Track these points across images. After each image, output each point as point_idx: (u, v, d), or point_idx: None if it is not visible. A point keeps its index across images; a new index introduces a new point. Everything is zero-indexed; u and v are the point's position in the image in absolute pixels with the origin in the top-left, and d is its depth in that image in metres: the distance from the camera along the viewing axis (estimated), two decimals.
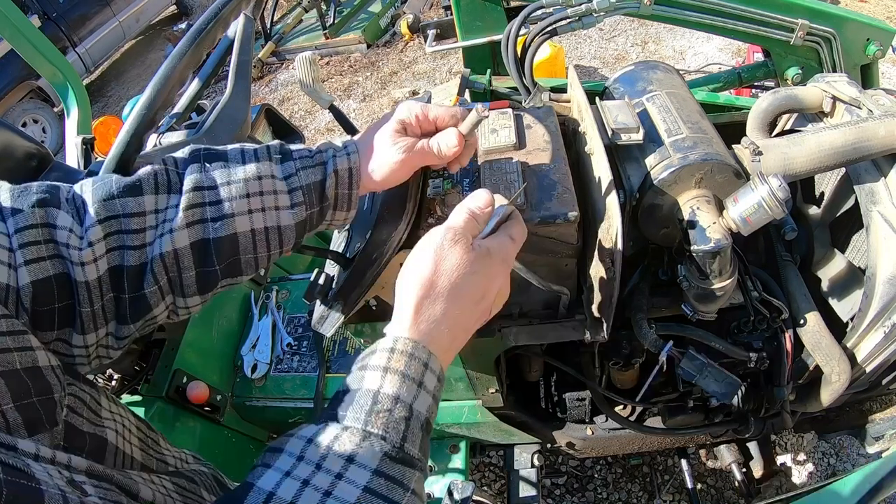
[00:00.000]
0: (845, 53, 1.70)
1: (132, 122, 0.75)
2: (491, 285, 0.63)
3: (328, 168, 0.77)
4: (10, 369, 0.53)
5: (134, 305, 0.68)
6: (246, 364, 1.87)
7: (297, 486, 0.46)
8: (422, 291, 0.59)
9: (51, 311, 0.62)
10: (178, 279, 0.70)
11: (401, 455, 0.50)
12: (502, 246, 0.65)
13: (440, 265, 0.60)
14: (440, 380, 0.57)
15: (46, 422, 0.55)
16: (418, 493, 0.51)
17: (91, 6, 6.38)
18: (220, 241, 0.70)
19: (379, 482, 0.48)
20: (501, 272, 0.65)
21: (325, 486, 0.47)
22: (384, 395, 0.52)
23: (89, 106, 2.33)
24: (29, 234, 0.61)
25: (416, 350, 0.56)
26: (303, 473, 0.48)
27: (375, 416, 0.51)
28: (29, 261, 0.60)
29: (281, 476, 0.47)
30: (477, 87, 2.09)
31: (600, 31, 5.03)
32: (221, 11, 0.84)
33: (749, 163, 1.00)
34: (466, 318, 0.62)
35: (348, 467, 0.48)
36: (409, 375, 0.54)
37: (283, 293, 2.07)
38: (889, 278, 1.00)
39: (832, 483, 1.15)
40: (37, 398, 0.55)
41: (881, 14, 4.35)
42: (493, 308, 0.66)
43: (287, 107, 5.37)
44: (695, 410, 1.40)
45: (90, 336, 0.66)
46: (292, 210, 0.74)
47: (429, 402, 0.55)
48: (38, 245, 0.61)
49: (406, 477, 0.50)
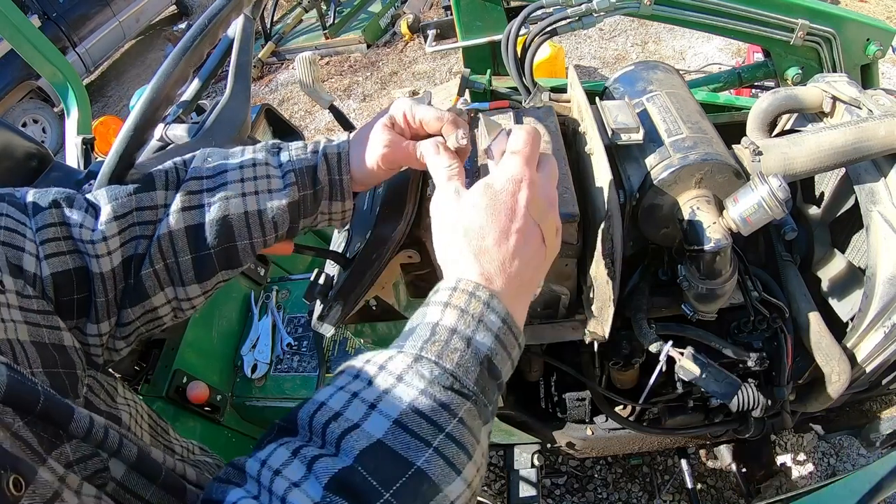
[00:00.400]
0: (845, 53, 1.70)
1: (132, 122, 0.75)
2: (511, 204, 0.59)
3: (319, 154, 0.79)
4: (41, 341, 0.60)
5: (133, 289, 0.72)
6: (246, 364, 1.87)
7: (347, 397, 0.49)
8: (455, 245, 0.59)
9: (70, 301, 0.67)
10: (175, 265, 0.72)
11: (451, 382, 0.50)
12: (501, 166, 0.62)
13: (455, 213, 0.61)
14: (506, 323, 0.55)
15: (70, 391, 0.60)
16: (469, 427, 0.50)
17: (91, 6, 6.38)
18: (214, 223, 0.72)
19: (424, 402, 0.48)
20: (521, 185, 0.60)
21: (371, 398, 0.48)
22: (442, 327, 0.53)
23: (89, 106, 2.33)
24: (48, 231, 0.66)
25: (476, 289, 0.55)
26: (354, 388, 0.50)
27: (431, 344, 0.52)
28: (49, 255, 0.66)
29: (336, 390, 0.51)
30: (477, 87, 2.09)
31: (600, 31, 5.03)
32: (221, 11, 0.83)
33: (749, 163, 1.00)
34: (508, 248, 0.58)
35: (397, 385, 0.49)
36: (469, 312, 0.54)
37: (283, 293, 2.07)
38: (889, 278, 1.00)
39: (832, 483, 1.15)
40: (63, 370, 0.61)
41: (881, 14, 4.36)
42: (546, 230, 0.62)
43: (287, 107, 5.37)
44: (695, 410, 1.40)
45: (103, 325, 0.70)
46: (284, 191, 0.76)
47: (490, 341, 0.54)
48: (57, 241, 0.67)
49: (454, 404, 0.49)
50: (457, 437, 0.48)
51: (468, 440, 0.49)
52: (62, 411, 0.50)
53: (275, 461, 0.47)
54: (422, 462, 0.46)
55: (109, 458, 0.53)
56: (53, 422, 0.49)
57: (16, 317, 0.59)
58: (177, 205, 0.72)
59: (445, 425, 0.48)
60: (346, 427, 0.47)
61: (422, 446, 0.46)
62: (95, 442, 0.52)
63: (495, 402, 0.55)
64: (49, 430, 0.49)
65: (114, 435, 0.54)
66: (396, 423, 0.47)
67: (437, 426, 0.47)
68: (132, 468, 0.55)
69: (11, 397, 0.46)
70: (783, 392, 1.22)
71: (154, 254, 0.71)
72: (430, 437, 0.47)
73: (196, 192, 0.73)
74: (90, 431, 0.52)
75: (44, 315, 0.63)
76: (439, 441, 0.47)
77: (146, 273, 0.71)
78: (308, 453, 0.47)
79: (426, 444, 0.46)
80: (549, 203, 0.63)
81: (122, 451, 0.54)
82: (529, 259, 0.60)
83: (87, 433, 0.51)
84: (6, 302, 0.59)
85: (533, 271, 0.61)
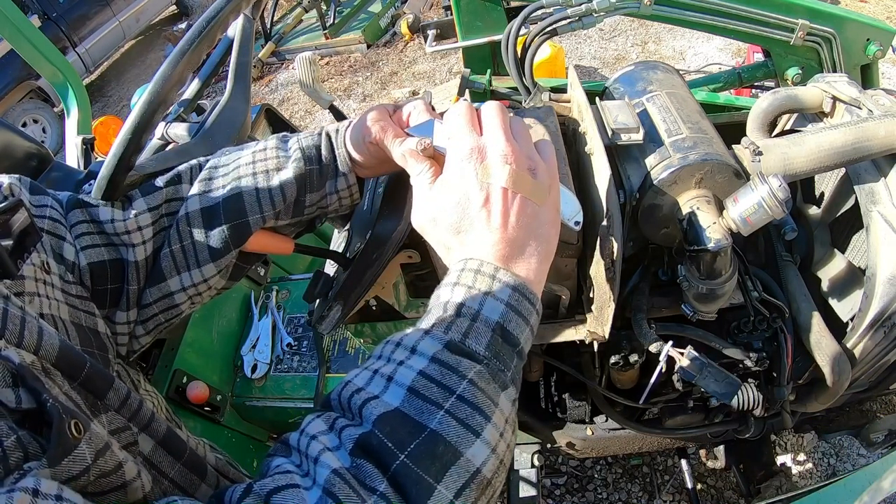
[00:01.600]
0: (845, 53, 1.70)
1: (129, 125, 0.75)
2: (470, 177, 0.58)
3: (322, 134, 0.82)
4: (78, 323, 0.66)
5: (153, 270, 0.77)
6: (246, 364, 1.87)
7: (370, 375, 0.53)
8: (448, 228, 0.60)
9: (104, 290, 0.73)
10: (191, 246, 0.76)
11: (460, 347, 0.51)
12: (448, 151, 0.62)
13: (429, 206, 0.62)
14: (518, 290, 0.56)
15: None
16: (482, 389, 0.50)
17: (91, 6, 6.38)
18: (226, 200, 0.77)
19: (433, 367, 0.50)
20: (472, 156, 0.59)
21: (388, 372, 0.52)
22: (451, 304, 0.55)
23: (89, 106, 2.33)
24: (81, 227, 0.73)
25: (481, 266, 0.57)
26: (376, 366, 0.54)
27: (441, 319, 0.54)
28: (85, 247, 0.72)
29: (361, 370, 0.54)
30: (477, 87, 2.09)
31: (600, 32, 5.03)
32: (221, 11, 0.83)
33: (749, 163, 1.00)
34: (493, 217, 0.58)
35: (410, 357, 0.52)
36: (475, 286, 0.55)
37: (283, 293, 2.08)
38: (889, 278, 1.00)
39: (832, 483, 1.15)
40: (97, 351, 0.67)
41: (881, 14, 4.36)
42: (532, 185, 0.59)
43: (287, 107, 5.37)
44: (695, 410, 1.40)
45: (132, 312, 0.77)
46: (291, 166, 0.78)
47: (500, 308, 0.54)
48: (91, 235, 0.73)
49: (462, 366, 0.50)
50: (469, 399, 0.49)
51: (483, 401, 0.49)
52: (103, 380, 0.54)
53: (312, 429, 0.51)
54: (435, 424, 0.47)
55: (139, 432, 0.57)
56: (94, 389, 0.53)
57: (59, 297, 0.65)
58: (194, 190, 0.77)
59: (455, 387, 0.49)
60: (367, 398, 0.50)
61: (433, 409, 0.47)
62: (129, 413, 0.56)
63: (515, 368, 0.55)
64: (89, 399, 0.53)
65: (147, 409, 0.58)
66: (410, 390, 0.49)
67: (448, 389, 0.49)
68: (159, 444, 0.58)
69: (62, 361, 0.50)
70: (783, 392, 1.22)
71: (172, 235, 0.77)
72: (442, 400, 0.48)
73: (211, 178, 0.78)
74: (125, 402, 0.56)
75: (82, 300, 0.69)
76: (451, 403, 0.48)
77: (164, 253, 0.77)
78: (339, 424, 0.50)
79: (438, 407, 0.47)
80: (511, 155, 0.59)
81: (151, 426, 0.58)
82: (525, 217, 0.58)
83: (123, 403, 0.55)
84: (51, 282, 0.65)
85: (537, 227, 0.59)
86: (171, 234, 0.76)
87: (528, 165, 0.60)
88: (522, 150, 0.61)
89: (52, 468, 0.40)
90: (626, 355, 1.19)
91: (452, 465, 0.46)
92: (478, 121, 0.63)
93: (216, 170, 0.79)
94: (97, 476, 0.44)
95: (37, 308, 0.60)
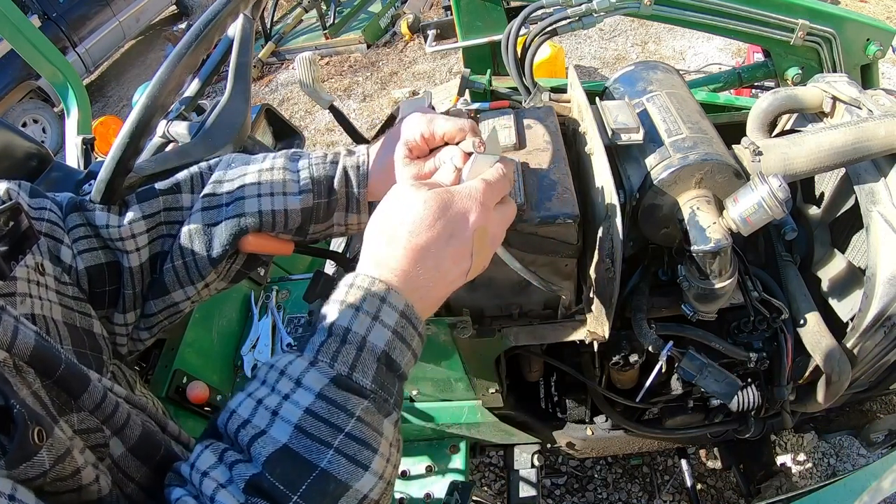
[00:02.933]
0: (845, 53, 1.70)
1: (128, 128, 0.75)
2: (458, 225, 0.60)
3: (338, 165, 0.80)
4: (72, 324, 0.67)
5: (157, 284, 0.78)
6: (246, 364, 1.87)
7: (253, 405, 0.52)
8: (381, 234, 0.60)
9: (102, 292, 0.74)
10: (192, 262, 0.77)
11: (347, 383, 0.52)
12: (467, 187, 0.63)
13: (395, 210, 0.61)
14: (405, 316, 0.56)
15: (96, 371, 0.63)
16: (369, 423, 0.51)
17: (91, 6, 6.37)
18: (230, 220, 0.76)
19: (320, 405, 0.50)
20: (472, 210, 0.61)
21: (273, 405, 0.51)
22: (338, 327, 0.54)
23: (89, 106, 2.33)
24: (79, 231, 0.74)
25: (372, 285, 0.56)
26: (260, 394, 0.53)
27: (327, 345, 0.53)
28: (82, 251, 0.73)
29: (245, 397, 0.53)
30: (477, 87, 2.09)
31: (600, 32, 5.03)
32: (221, 12, 0.83)
33: (749, 163, 1.00)
34: (436, 254, 0.59)
35: (296, 390, 0.51)
36: (364, 309, 0.55)
37: (283, 293, 2.07)
38: (889, 278, 1.00)
39: (832, 483, 1.15)
40: (90, 352, 0.67)
41: (881, 14, 4.36)
42: (475, 252, 0.62)
43: (287, 107, 5.37)
44: (695, 410, 1.40)
45: (129, 315, 0.77)
46: (299, 196, 0.78)
47: (387, 336, 0.55)
48: (88, 239, 0.74)
49: (350, 403, 0.51)
50: (357, 436, 0.50)
51: (370, 436, 0.51)
52: (79, 380, 0.54)
53: (202, 463, 0.51)
54: (325, 463, 0.48)
55: (112, 435, 0.57)
56: (68, 389, 0.53)
57: (52, 298, 0.66)
58: (198, 205, 0.77)
59: (344, 425, 0.50)
60: (254, 434, 0.50)
61: (323, 448, 0.48)
62: (103, 416, 0.56)
63: (397, 392, 0.56)
64: (62, 398, 0.53)
65: (122, 413, 0.57)
66: (297, 427, 0.49)
67: (336, 427, 0.49)
68: (130, 450, 0.58)
69: (35, 358, 0.51)
70: (783, 392, 1.22)
71: (175, 251, 0.77)
72: (330, 439, 0.49)
73: (216, 194, 0.78)
74: (100, 405, 0.55)
75: (77, 301, 0.70)
76: (339, 441, 0.49)
77: (167, 268, 0.77)
78: (229, 458, 0.51)
79: (327, 446, 0.48)
80: (492, 239, 0.64)
81: (124, 431, 0.57)
82: (449, 280, 0.61)
83: (97, 406, 0.55)
84: (45, 283, 0.66)
85: (445, 287, 0.62)
86: (174, 250, 0.77)
87: (494, 236, 0.64)
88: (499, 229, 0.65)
89: (8, 470, 0.42)
90: (626, 355, 1.19)
91: (342, 497, 0.48)
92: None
93: (220, 185, 0.78)
94: (53, 479, 0.46)
95: (28, 309, 0.61)
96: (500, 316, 1.08)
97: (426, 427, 1.57)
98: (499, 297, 1.04)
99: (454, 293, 0.64)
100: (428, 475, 1.64)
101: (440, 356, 1.23)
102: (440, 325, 1.06)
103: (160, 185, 0.79)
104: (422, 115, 0.78)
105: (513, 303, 1.05)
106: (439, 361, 1.25)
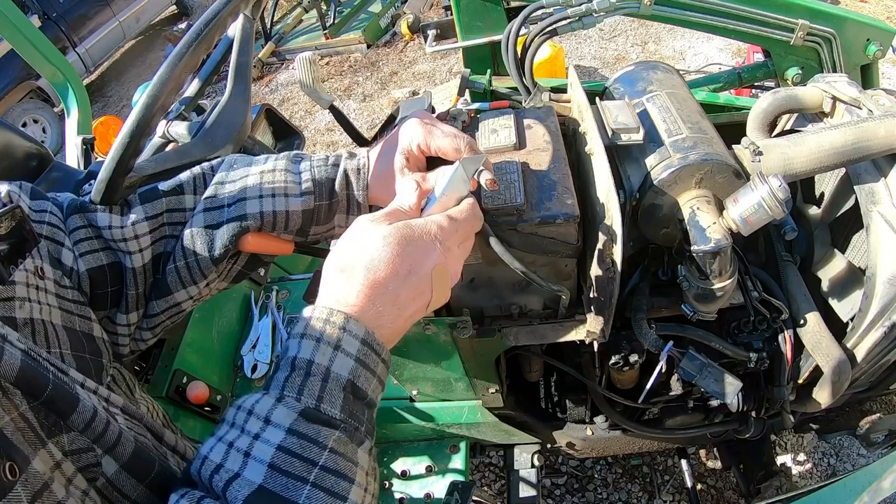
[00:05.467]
0: (845, 53, 1.70)
1: (127, 129, 0.75)
2: (417, 262, 0.60)
3: (339, 168, 0.81)
4: (71, 327, 0.66)
5: (160, 284, 0.78)
6: (246, 364, 1.87)
7: (225, 448, 0.51)
8: (340, 270, 0.60)
9: (104, 294, 0.74)
10: (195, 263, 0.77)
11: (316, 415, 0.51)
12: (430, 222, 0.63)
13: (354, 245, 0.61)
14: (367, 344, 0.56)
15: (94, 376, 0.64)
16: (342, 454, 0.51)
17: (91, 6, 6.38)
18: (232, 221, 0.76)
19: (292, 440, 0.50)
20: (433, 250, 0.61)
21: (244, 447, 0.50)
22: (301, 360, 0.54)
23: (89, 106, 2.33)
24: (80, 232, 0.73)
25: (331, 316, 0.56)
26: (230, 437, 0.52)
27: (292, 379, 0.53)
28: (83, 253, 0.72)
29: (215, 442, 0.53)
30: (477, 87, 2.08)
31: (600, 32, 5.03)
32: (221, 12, 0.83)
33: (749, 163, 1.00)
34: (394, 291, 0.59)
35: (265, 428, 0.51)
36: (325, 340, 0.55)
37: (283, 293, 2.07)
38: (889, 278, 1.00)
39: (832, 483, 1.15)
40: (90, 356, 0.66)
41: (881, 14, 4.36)
42: (434, 288, 0.62)
43: (287, 107, 5.37)
44: (695, 410, 1.40)
45: (132, 315, 0.77)
46: (301, 198, 0.78)
47: (350, 364, 0.55)
48: (89, 240, 0.73)
49: (322, 435, 0.50)
50: (332, 468, 0.50)
51: (345, 466, 0.51)
52: (67, 401, 0.53)
53: None
54: (303, 499, 0.48)
55: (104, 454, 0.56)
56: (57, 409, 0.52)
57: (52, 302, 0.65)
58: (201, 206, 0.77)
59: (317, 459, 0.49)
60: (228, 478, 0.49)
61: (299, 484, 0.48)
62: (94, 435, 0.54)
63: (368, 420, 0.56)
64: (51, 419, 0.52)
65: (113, 431, 0.56)
66: (271, 466, 0.49)
67: (310, 461, 0.49)
68: (123, 467, 0.57)
69: (22, 380, 0.50)
70: (783, 392, 1.22)
71: (177, 251, 0.77)
72: (306, 474, 0.48)
73: (218, 196, 0.78)
74: (90, 424, 0.54)
75: (77, 304, 0.69)
76: (315, 475, 0.49)
77: (170, 269, 0.77)
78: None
79: (303, 482, 0.48)
80: (452, 275, 0.65)
81: (116, 449, 0.56)
82: (407, 315, 0.61)
83: (87, 426, 0.54)
84: (45, 287, 0.65)
85: (404, 322, 0.61)
86: (176, 250, 0.77)
87: (455, 272, 0.65)
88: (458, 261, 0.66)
89: None
90: (626, 355, 1.19)
91: None
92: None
93: (222, 186, 0.79)
94: None
95: (27, 313, 0.61)
96: (500, 316, 1.08)
97: (426, 427, 1.57)
98: (499, 297, 1.04)
99: (453, 294, 0.64)
100: (428, 475, 1.64)
101: (440, 356, 1.22)
102: (440, 325, 1.06)
103: (163, 186, 0.79)
104: (422, 124, 0.79)
105: (513, 303, 1.05)
106: (439, 361, 1.25)
